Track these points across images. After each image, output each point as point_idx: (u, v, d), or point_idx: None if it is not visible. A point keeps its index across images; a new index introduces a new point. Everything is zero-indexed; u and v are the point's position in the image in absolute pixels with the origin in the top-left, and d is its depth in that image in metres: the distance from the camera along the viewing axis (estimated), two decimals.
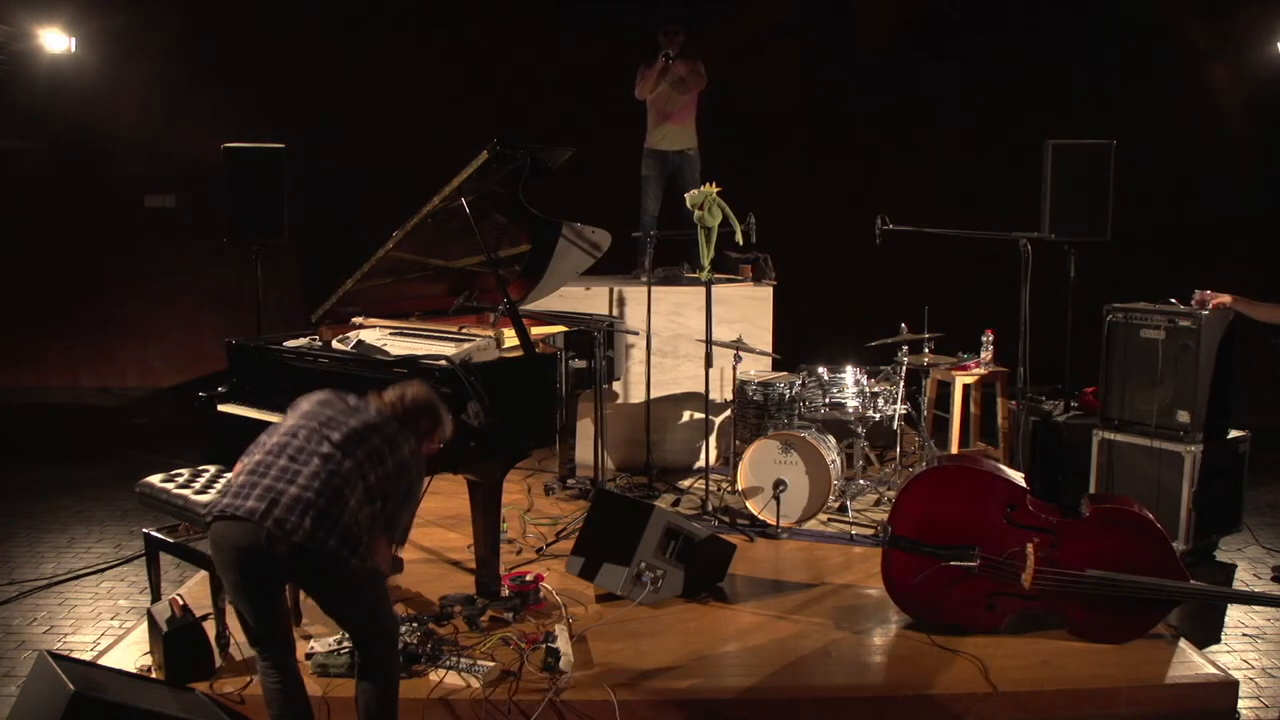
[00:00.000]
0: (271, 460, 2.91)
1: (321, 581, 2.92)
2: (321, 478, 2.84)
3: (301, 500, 2.79)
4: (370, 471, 2.91)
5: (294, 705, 2.99)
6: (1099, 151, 5.81)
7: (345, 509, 2.83)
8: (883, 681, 3.62)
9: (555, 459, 5.95)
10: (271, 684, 2.98)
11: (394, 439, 3.01)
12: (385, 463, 2.95)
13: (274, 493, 2.81)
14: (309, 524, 2.77)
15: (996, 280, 6.58)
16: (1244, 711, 3.60)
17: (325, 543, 2.78)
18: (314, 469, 2.85)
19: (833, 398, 5.56)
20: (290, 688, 2.99)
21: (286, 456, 2.90)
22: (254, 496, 2.82)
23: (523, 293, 4.90)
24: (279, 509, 2.78)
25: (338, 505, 2.82)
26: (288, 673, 2.99)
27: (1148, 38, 8.79)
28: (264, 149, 6.38)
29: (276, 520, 2.76)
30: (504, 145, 4.07)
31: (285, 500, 2.79)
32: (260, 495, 2.82)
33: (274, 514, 2.77)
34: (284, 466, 2.88)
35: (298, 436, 2.95)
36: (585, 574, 4.29)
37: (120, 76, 8.78)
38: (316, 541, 2.77)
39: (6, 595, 4.68)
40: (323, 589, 2.96)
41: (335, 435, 2.93)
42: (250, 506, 2.80)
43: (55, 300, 9.45)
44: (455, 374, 3.76)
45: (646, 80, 6.88)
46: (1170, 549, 3.78)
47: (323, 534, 2.78)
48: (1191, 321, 4.84)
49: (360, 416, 3.02)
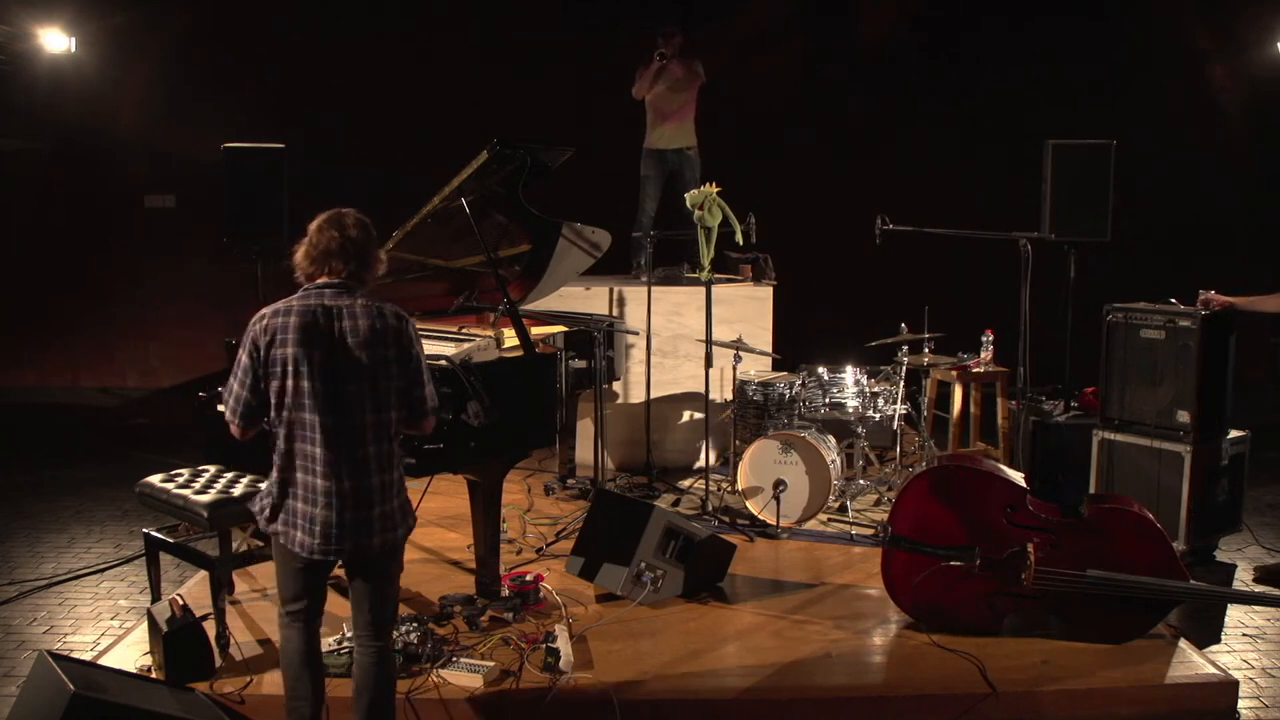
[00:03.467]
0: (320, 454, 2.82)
1: (380, 567, 3.01)
2: (384, 467, 2.90)
3: (377, 517, 2.90)
4: (398, 379, 2.91)
5: (313, 667, 3.03)
6: (1099, 151, 5.81)
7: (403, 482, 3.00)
8: (883, 681, 3.62)
9: (555, 459, 5.95)
10: (296, 644, 3.00)
11: (383, 330, 2.88)
12: (406, 354, 2.92)
13: (348, 515, 2.85)
14: (395, 527, 2.95)
15: (996, 280, 6.58)
16: (1244, 711, 3.60)
17: (399, 530, 2.97)
18: (372, 461, 2.87)
19: (833, 398, 5.56)
20: (313, 650, 3.04)
21: (346, 467, 2.84)
22: (331, 525, 2.84)
23: (523, 293, 4.90)
24: (362, 537, 2.88)
25: (401, 487, 2.98)
26: (315, 638, 3.04)
27: (1148, 38, 8.79)
28: (264, 149, 6.38)
29: (352, 551, 2.89)
30: (504, 145, 4.07)
31: (363, 525, 2.88)
32: (338, 521, 2.85)
33: (347, 545, 2.87)
34: (337, 464, 2.82)
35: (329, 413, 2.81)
36: (585, 574, 4.29)
37: (120, 76, 8.78)
38: (399, 536, 2.97)
39: (6, 595, 4.68)
40: (385, 573, 3.04)
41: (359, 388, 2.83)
42: (335, 536, 2.85)
43: (55, 300, 9.45)
44: (455, 374, 3.76)
45: (643, 80, 6.88)
46: (1170, 549, 3.78)
47: (403, 528, 2.98)
48: (1191, 321, 4.84)
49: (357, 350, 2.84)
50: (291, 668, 3.02)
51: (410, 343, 2.96)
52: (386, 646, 3.07)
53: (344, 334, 2.85)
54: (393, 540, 2.96)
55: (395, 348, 2.91)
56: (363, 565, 2.99)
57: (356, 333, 2.86)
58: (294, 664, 3.02)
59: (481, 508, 4.02)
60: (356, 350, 2.85)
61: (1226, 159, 8.99)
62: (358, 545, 2.89)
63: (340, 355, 2.84)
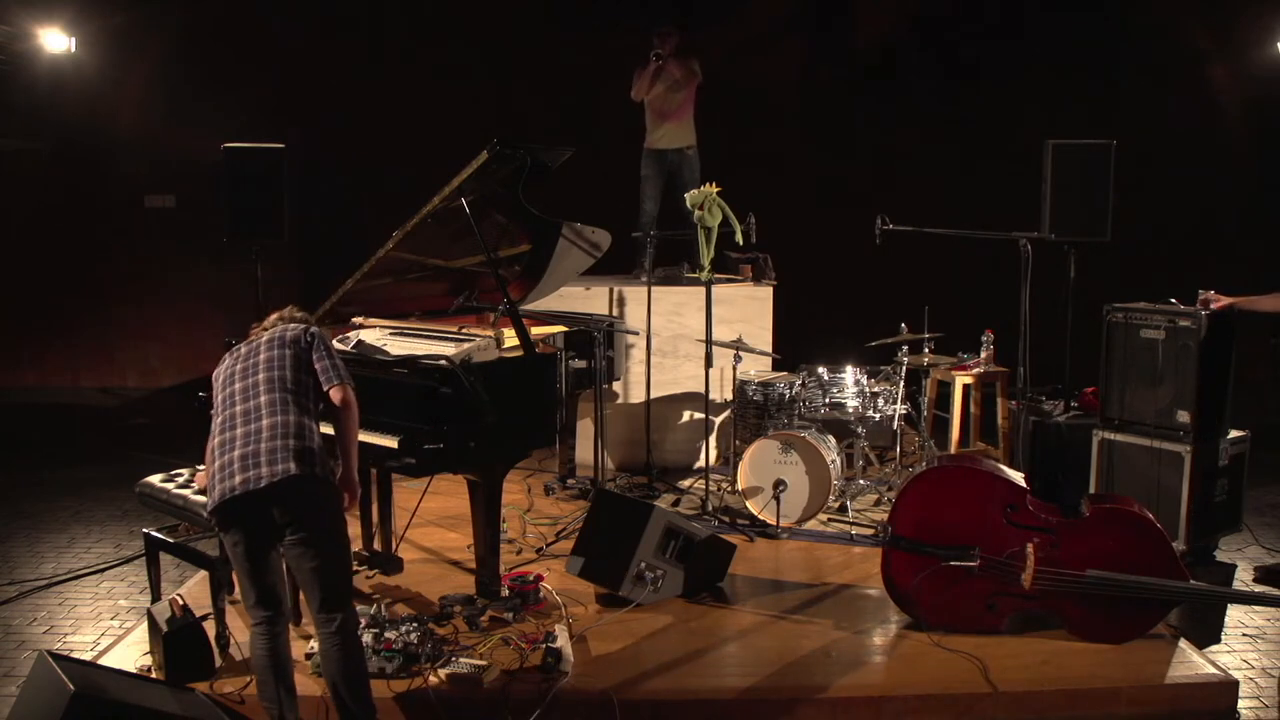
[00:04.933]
0: (229, 434, 3.07)
1: (316, 517, 3.06)
2: (279, 419, 3.04)
3: (276, 451, 2.98)
4: (304, 373, 3.19)
5: (279, 670, 3.09)
6: (1099, 151, 5.80)
7: (313, 433, 3.08)
8: (883, 681, 3.61)
9: (555, 459, 5.95)
10: (261, 647, 3.09)
11: (291, 335, 3.26)
12: (312, 351, 3.24)
13: (250, 459, 2.97)
14: (294, 466, 2.96)
15: (996, 280, 6.58)
16: (1244, 711, 3.60)
17: (313, 473, 3.00)
18: (269, 420, 3.05)
19: (833, 398, 5.56)
20: (278, 653, 3.10)
21: (239, 423, 3.07)
22: (237, 473, 2.97)
23: (523, 293, 4.90)
24: (264, 469, 2.95)
25: (306, 435, 3.05)
26: (279, 640, 3.10)
27: (1148, 38, 8.79)
28: (264, 149, 6.38)
29: (268, 480, 2.94)
30: (504, 145, 4.07)
31: (264, 460, 2.96)
32: (242, 467, 2.97)
33: (263, 476, 2.94)
34: (244, 432, 3.04)
35: (234, 401, 3.13)
36: (585, 574, 4.29)
37: (120, 76, 8.79)
38: (305, 477, 2.97)
39: (6, 595, 4.69)
40: (317, 525, 3.06)
41: (261, 376, 3.15)
42: (240, 480, 2.95)
43: (55, 300, 9.46)
44: (455, 374, 3.76)
45: (641, 82, 6.88)
46: (1170, 549, 3.78)
47: (306, 466, 2.99)
48: (1191, 321, 4.84)
49: (254, 355, 3.23)
50: (259, 671, 3.11)
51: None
52: (342, 627, 3.08)
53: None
54: (308, 474, 2.98)
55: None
56: (287, 516, 3.02)
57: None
58: (260, 668, 3.10)
59: (481, 508, 4.02)
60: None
61: (1226, 159, 8.99)
62: (259, 480, 2.94)
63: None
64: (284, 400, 3.10)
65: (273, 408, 3.08)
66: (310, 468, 3.01)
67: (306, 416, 3.11)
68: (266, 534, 3.04)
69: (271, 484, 2.94)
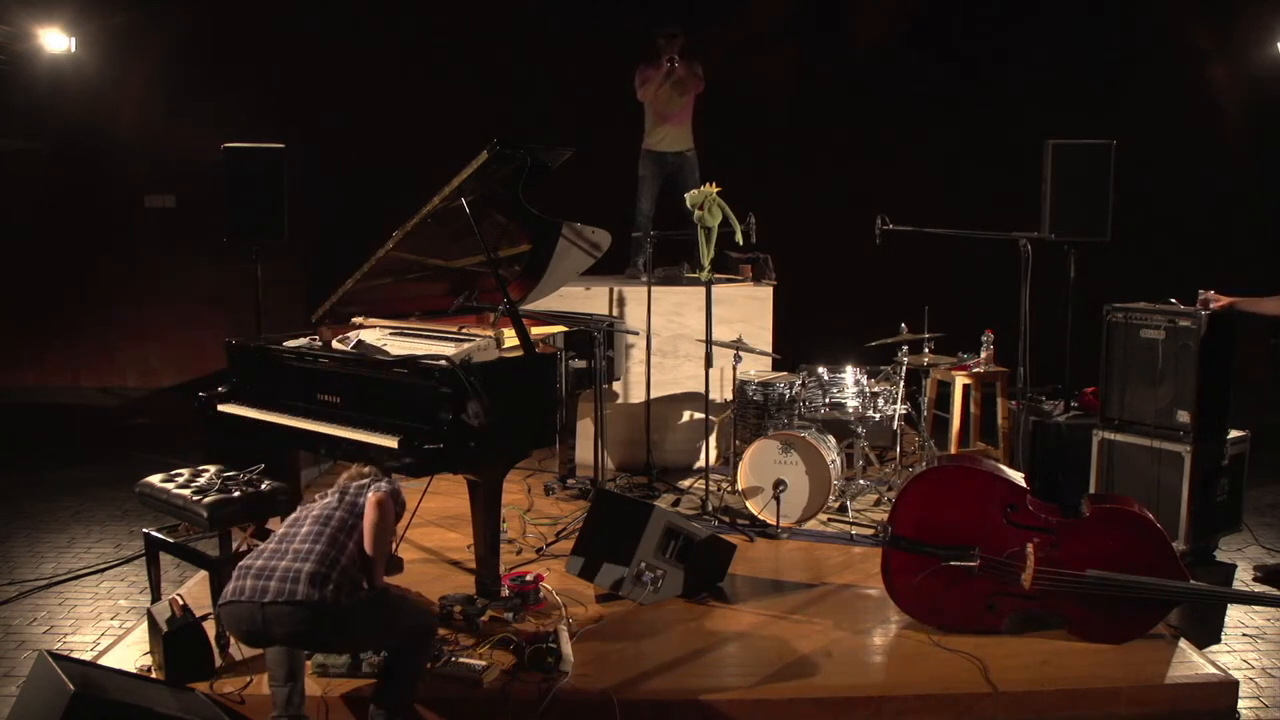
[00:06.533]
0: (265, 547, 3.15)
1: (327, 639, 3.13)
2: (308, 546, 3.06)
3: (291, 570, 2.99)
4: (352, 516, 3.18)
5: (290, 653, 3.11)
6: (1099, 151, 5.81)
7: (335, 563, 3.04)
8: (883, 681, 3.61)
9: (555, 459, 5.95)
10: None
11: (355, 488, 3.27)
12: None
13: (266, 573, 3.01)
14: (301, 589, 2.95)
15: (996, 280, 6.58)
16: (1244, 711, 3.60)
17: (322, 596, 2.96)
18: (301, 543, 3.09)
19: (833, 398, 5.56)
20: (291, 650, 3.12)
21: (276, 544, 3.14)
22: (249, 578, 3.02)
23: (523, 293, 4.90)
24: (273, 583, 2.97)
25: (326, 563, 3.03)
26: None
27: (1148, 38, 8.80)
28: (264, 149, 6.38)
29: (273, 596, 2.95)
30: (504, 145, 4.07)
31: (278, 575, 2.99)
32: (255, 575, 3.01)
33: (269, 590, 2.96)
34: (274, 549, 3.11)
35: (286, 528, 3.20)
36: (585, 574, 4.29)
37: (120, 76, 8.79)
38: (312, 601, 2.95)
39: (6, 595, 4.68)
40: (330, 644, 3.19)
41: (316, 512, 3.20)
42: (250, 585, 2.99)
43: (55, 300, 9.46)
44: (455, 374, 3.76)
45: (649, 83, 6.87)
46: (1170, 549, 3.78)
47: (316, 590, 2.96)
48: (1191, 321, 4.84)
49: (320, 503, 3.24)
50: (270, 651, 3.14)
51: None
52: (419, 647, 3.21)
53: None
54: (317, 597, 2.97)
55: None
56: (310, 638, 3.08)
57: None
58: (272, 656, 3.13)
59: (481, 508, 4.02)
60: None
61: (1226, 159, 8.99)
62: (265, 594, 2.98)
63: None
64: (319, 533, 3.11)
65: (307, 538, 3.10)
66: (319, 591, 2.97)
67: (334, 549, 3.09)
68: (269, 641, 3.07)
69: (275, 601, 2.95)
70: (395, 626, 3.18)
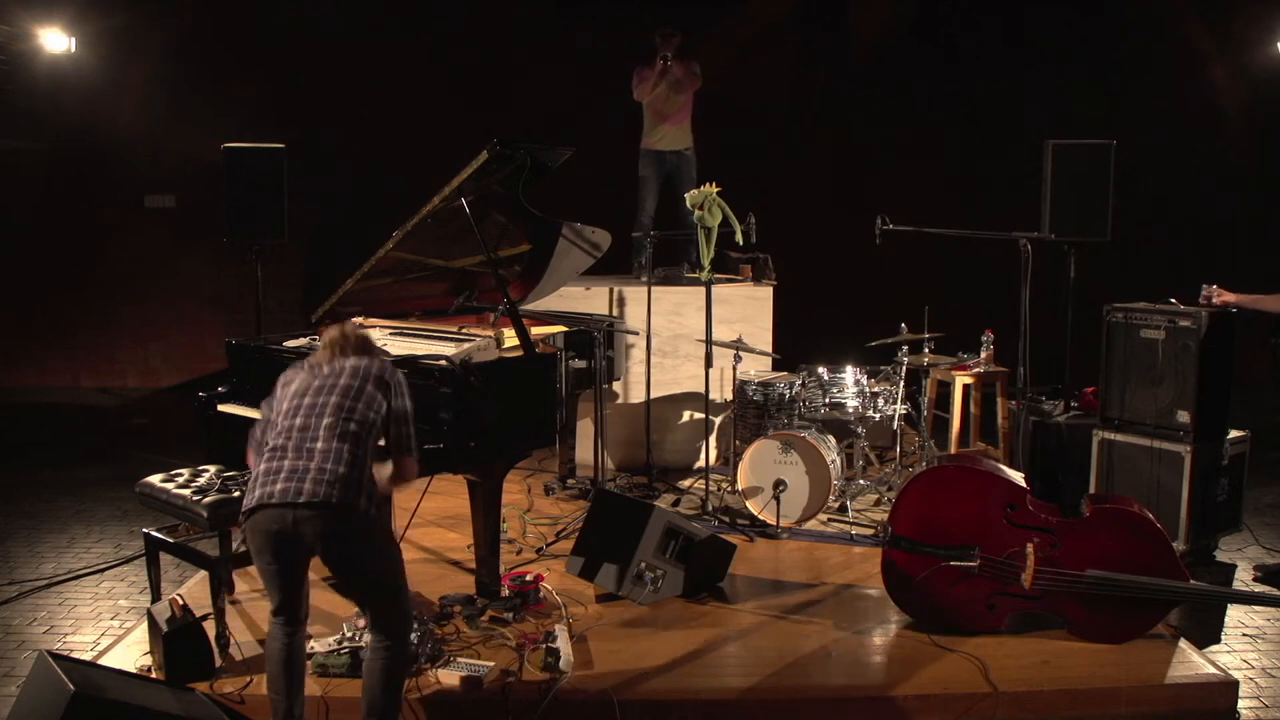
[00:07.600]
0: (284, 443, 3.06)
1: (351, 551, 3.05)
2: (335, 446, 3.01)
3: (325, 472, 2.96)
4: (373, 411, 3.11)
5: (290, 668, 3.10)
6: (1099, 151, 5.81)
7: (365, 467, 3.03)
8: (883, 681, 3.61)
9: (555, 459, 5.95)
10: (276, 645, 3.10)
11: (374, 370, 3.19)
12: (389, 392, 3.16)
13: (298, 474, 2.96)
14: (337, 491, 2.93)
15: (996, 280, 6.58)
16: (1244, 711, 3.60)
17: (356, 503, 2.96)
18: (326, 441, 3.02)
19: (833, 398, 5.55)
20: (292, 654, 3.11)
21: (295, 436, 3.05)
22: (280, 481, 2.96)
23: (523, 293, 4.90)
24: (307, 485, 2.93)
25: (357, 467, 3.01)
26: (294, 641, 3.11)
27: (1148, 38, 8.80)
28: (264, 149, 6.38)
29: (308, 496, 2.91)
30: (503, 145, 4.07)
31: (311, 477, 2.95)
32: (286, 478, 2.96)
33: (304, 491, 2.92)
34: (294, 446, 3.03)
35: (299, 414, 3.10)
36: (585, 574, 4.29)
37: (120, 76, 8.79)
38: (347, 505, 2.94)
39: (6, 595, 4.68)
40: (352, 558, 3.07)
41: (333, 401, 3.10)
42: (280, 489, 2.94)
43: (55, 300, 9.45)
44: (455, 374, 3.76)
45: (645, 83, 6.88)
46: (1170, 549, 3.78)
47: (351, 496, 2.96)
48: (1191, 321, 4.84)
49: (334, 378, 3.15)
50: (271, 664, 3.12)
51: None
52: (393, 646, 3.09)
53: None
54: (349, 507, 2.95)
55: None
56: (329, 546, 3.01)
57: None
58: (273, 661, 3.11)
59: (481, 508, 4.02)
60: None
61: (1226, 159, 8.99)
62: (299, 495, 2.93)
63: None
64: (344, 431, 3.05)
65: (331, 433, 3.04)
66: (355, 498, 2.97)
67: (360, 449, 3.06)
68: (293, 549, 3.01)
69: (310, 502, 2.92)
70: (396, 585, 3.14)
